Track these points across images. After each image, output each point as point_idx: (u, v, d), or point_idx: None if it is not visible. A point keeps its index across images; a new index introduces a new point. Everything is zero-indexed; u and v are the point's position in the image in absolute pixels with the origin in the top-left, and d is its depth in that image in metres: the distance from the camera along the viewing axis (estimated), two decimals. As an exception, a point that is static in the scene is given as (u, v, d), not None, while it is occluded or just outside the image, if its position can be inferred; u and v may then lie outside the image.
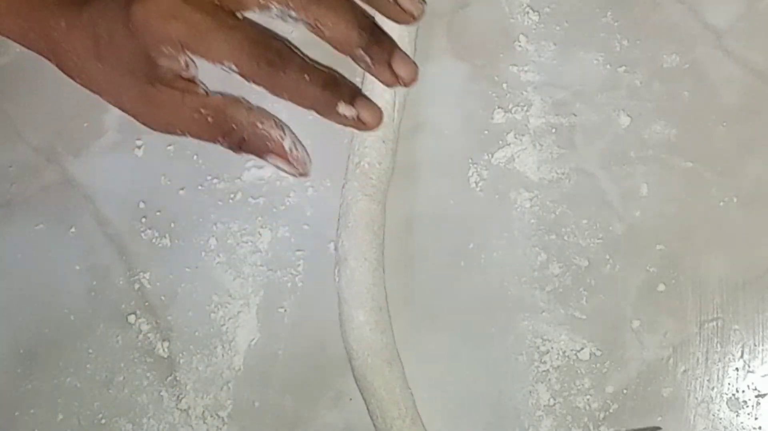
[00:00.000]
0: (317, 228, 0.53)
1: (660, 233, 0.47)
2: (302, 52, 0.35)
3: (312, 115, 0.56)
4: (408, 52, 0.53)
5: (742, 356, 0.44)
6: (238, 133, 0.35)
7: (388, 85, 0.37)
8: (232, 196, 0.55)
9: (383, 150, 0.51)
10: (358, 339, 0.48)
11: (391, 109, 0.52)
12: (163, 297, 0.55)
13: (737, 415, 0.44)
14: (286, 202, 0.54)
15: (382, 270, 0.50)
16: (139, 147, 0.57)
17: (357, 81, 0.54)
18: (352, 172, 0.51)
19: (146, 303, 0.55)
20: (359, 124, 0.37)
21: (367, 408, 0.48)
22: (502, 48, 0.53)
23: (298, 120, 0.56)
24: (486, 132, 0.52)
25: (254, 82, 0.34)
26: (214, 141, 0.35)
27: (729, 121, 0.48)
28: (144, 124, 0.36)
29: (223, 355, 0.53)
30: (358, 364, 0.48)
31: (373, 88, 0.52)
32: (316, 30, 0.35)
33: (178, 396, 0.53)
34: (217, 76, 0.34)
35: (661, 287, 0.46)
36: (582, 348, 0.46)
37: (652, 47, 0.50)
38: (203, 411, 0.52)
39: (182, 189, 0.56)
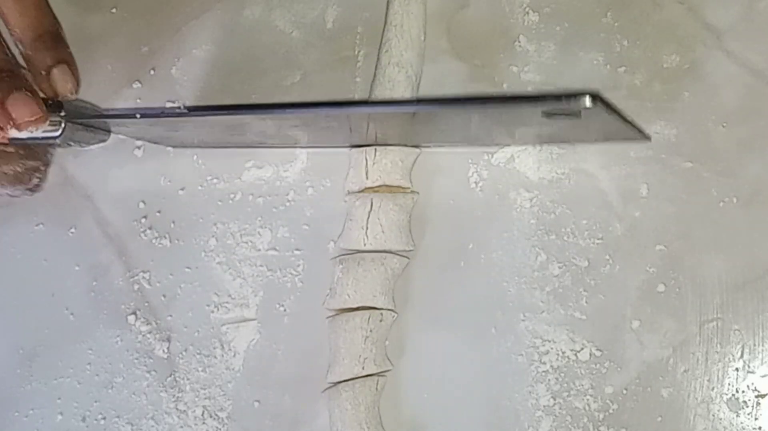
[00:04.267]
0: (317, 228, 0.53)
1: (660, 233, 0.47)
2: None
3: (312, 115, 0.56)
4: (419, 52, 0.52)
5: (742, 356, 0.44)
6: None
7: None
8: (232, 196, 0.55)
9: (405, 148, 0.51)
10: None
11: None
12: (163, 297, 0.55)
13: (737, 415, 0.44)
14: (286, 202, 0.54)
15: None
16: (139, 147, 0.57)
17: (361, 83, 0.55)
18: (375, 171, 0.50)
19: (146, 303, 0.55)
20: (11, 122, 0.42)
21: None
22: (502, 48, 0.53)
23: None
24: (486, 132, 0.52)
25: None
26: None
27: (729, 121, 0.48)
28: None
29: (222, 355, 0.53)
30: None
31: (393, 86, 0.51)
32: None
33: (177, 397, 0.53)
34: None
35: (661, 287, 0.46)
36: (582, 349, 0.46)
37: (652, 47, 0.50)
38: (202, 412, 0.52)
39: (182, 189, 0.56)
